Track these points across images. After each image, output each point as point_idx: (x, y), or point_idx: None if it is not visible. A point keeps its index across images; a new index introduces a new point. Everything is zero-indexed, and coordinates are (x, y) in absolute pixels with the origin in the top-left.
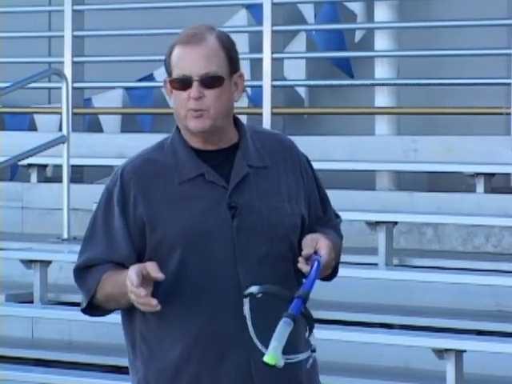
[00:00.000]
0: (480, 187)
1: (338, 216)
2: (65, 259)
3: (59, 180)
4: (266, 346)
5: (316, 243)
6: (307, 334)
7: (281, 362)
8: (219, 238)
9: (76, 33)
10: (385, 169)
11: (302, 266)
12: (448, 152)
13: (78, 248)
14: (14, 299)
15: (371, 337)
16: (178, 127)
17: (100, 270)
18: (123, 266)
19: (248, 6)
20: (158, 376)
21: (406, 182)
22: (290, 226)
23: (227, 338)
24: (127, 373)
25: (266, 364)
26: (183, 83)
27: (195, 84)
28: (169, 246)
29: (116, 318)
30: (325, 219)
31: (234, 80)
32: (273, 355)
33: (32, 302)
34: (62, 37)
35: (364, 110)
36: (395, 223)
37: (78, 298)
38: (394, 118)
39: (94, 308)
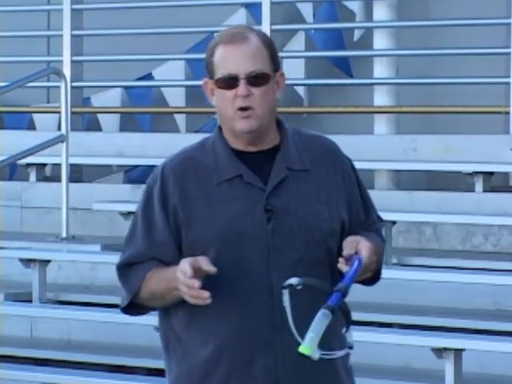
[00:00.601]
0: (479, 186)
1: (381, 220)
2: (64, 258)
3: (58, 179)
4: (302, 338)
5: (357, 244)
6: (344, 329)
7: (316, 355)
8: (254, 240)
9: (75, 32)
10: (384, 168)
11: (342, 266)
12: (447, 151)
13: (76, 247)
14: (13, 298)
15: (370, 336)
16: (220, 127)
17: (144, 267)
18: (166, 263)
19: (247, 5)
20: (188, 376)
21: (404, 181)
22: (327, 231)
23: (257, 340)
24: (126, 372)
25: (301, 354)
26: (229, 82)
27: (242, 82)
28: (203, 245)
29: (114, 317)
30: (367, 223)
31: (276, 78)
32: (308, 346)
33: (31, 301)
34: (61, 36)
35: (363, 109)
36: (394, 222)
37: (77, 297)
38: (393, 117)
39: (134, 307)
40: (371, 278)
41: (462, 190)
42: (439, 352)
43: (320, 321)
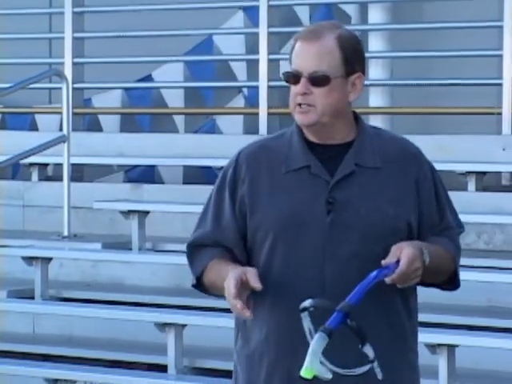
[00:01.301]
0: (472, 185)
1: (460, 226)
2: (65, 256)
3: (60, 179)
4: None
5: (401, 251)
6: (360, 345)
7: (325, 375)
8: (311, 231)
9: (76, 34)
10: None
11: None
12: (440, 151)
13: (78, 245)
14: (16, 295)
15: None
16: None
17: (208, 254)
18: (231, 249)
19: (245, 9)
20: (246, 360)
21: None
22: (389, 228)
23: (302, 329)
24: (126, 367)
25: (305, 379)
26: (294, 78)
27: (303, 80)
28: (263, 231)
29: (115, 314)
30: (440, 227)
31: (351, 80)
32: (309, 369)
33: (33, 298)
34: (63, 38)
35: (358, 109)
36: None
37: (78, 294)
38: (387, 118)
39: (203, 286)
40: (445, 282)
41: (455, 189)
42: (433, 348)
43: (316, 343)
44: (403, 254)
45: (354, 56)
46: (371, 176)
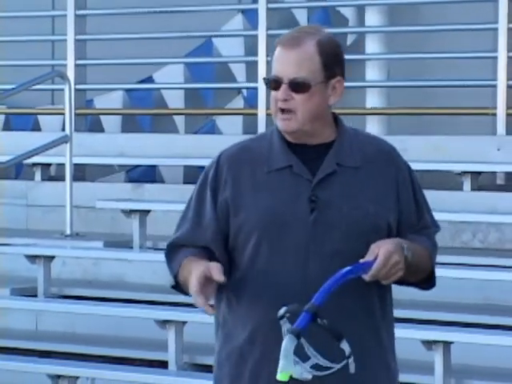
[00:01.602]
0: (467, 185)
1: (436, 225)
2: (68, 254)
3: (62, 178)
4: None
5: (378, 249)
6: (337, 342)
7: (304, 375)
8: (295, 229)
9: (78, 37)
10: None
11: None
12: (436, 151)
13: (80, 244)
14: (19, 293)
15: None
16: None
17: (184, 253)
18: (212, 250)
19: (244, 11)
20: (227, 358)
21: None
22: (369, 226)
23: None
24: (128, 363)
25: (283, 382)
26: (274, 83)
27: (283, 86)
28: (247, 231)
29: (116, 311)
30: (418, 226)
31: (331, 84)
32: (284, 372)
33: (36, 296)
34: (65, 40)
35: (355, 110)
36: None
37: (81, 291)
38: (384, 119)
39: (181, 287)
40: (424, 280)
41: (450, 189)
42: (429, 344)
43: (286, 346)
44: (381, 250)
45: (333, 60)
46: (352, 175)
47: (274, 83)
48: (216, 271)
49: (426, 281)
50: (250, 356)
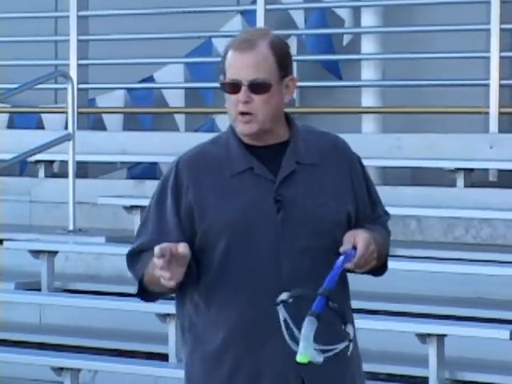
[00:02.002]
0: (460, 182)
1: (386, 213)
2: (70, 250)
3: (65, 175)
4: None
5: (354, 238)
6: (343, 326)
7: (317, 359)
8: (264, 230)
9: (81, 37)
10: (370, 164)
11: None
12: (430, 149)
13: (82, 239)
14: (23, 287)
15: (358, 322)
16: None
17: (149, 255)
18: None
19: (243, 12)
20: (202, 361)
21: (390, 176)
22: (333, 221)
23: (266, 323)
24: (129, 356)
25: (302, 363)
26: (233, 87)
27: (243, 89)
28: (216, 234)
29: (118, 305)
30: (373, 216)
31: (285, 83)
32: (304, 354)
33: (40, 290)
34: (68, 41)
35: (351, 109)
36: None
37: (83, 286)
38: (379, 117)
39: (147, 294)
40: (378, 268)
41: (444, 186)
42: (423, 337)
43: (307, 328)
44: (359, 238)
45: (286, 60)
46: (311, 172)
47: (232, 87)
48: (180, 245)
49: (379, 267)
50: (228, 354)
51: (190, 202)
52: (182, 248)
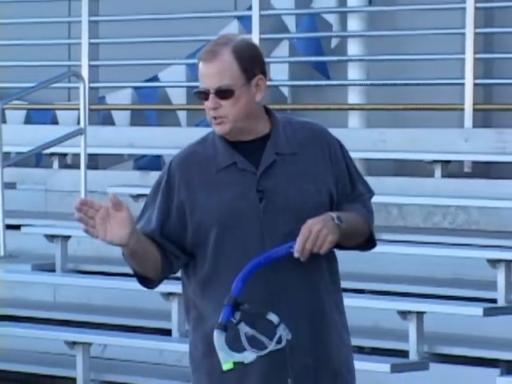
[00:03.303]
0: (438, 173)
1: (370, 191)
2: (82, 234)
3: (77, 166)
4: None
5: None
6: (263, 317)
7: (249, 359)
8: (249, 219)
9: (92, 40)
10: (356, 157)
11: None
12: (410, 142)
13: None
14: (39, 268)
15: (345, 300)
16: None
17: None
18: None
19: (239, 18)
20: (202, 339)
21: (374, 168)
22: (315, 205)
23: (257, 303)
24: (136, 331)
25: (229, 370)
26: (203, 95)
27: (211, 96)
28: (207, 226)
29: (125, 284)
30: (353, 195)
31: (254, 83)
32: (226, 363)
33: (54, 271)
34: (80, 44)
35: (338, 106)
36: None
37: (94, 267)
38: (364, 113)
39: (147, 280)
40: (364, 243)
41: (423, 176)
42: (404, 314)
43: (218, 340)
44: (302, 227)
45: (251, 62)
46: (291, 161)
47: (203, 95)
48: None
49: (366, 243)
50: None
51: (182, 200)
52: (113, 198)
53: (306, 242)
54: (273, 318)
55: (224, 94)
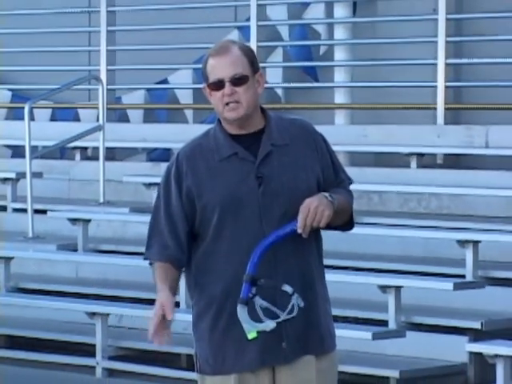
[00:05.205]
0: (413, 164)
1: (349, 179)
2: (101, 218)
3: (97, 158)
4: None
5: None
6: (279, 288)
7: (270, 326)
8: (249, 202)
9: (109, 47)
10: (342, 150)
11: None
12: (389, 137)
13: (111, 210)
14: (63, 248)
15: (331, 277)
16: (219, 119)
17: (162, 269)
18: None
19: (239, 27)
20: (205, 309)
21: (357, 160)
22: (305, 189)
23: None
24: (148, 303)
25: (254, 338)
26: (218, 85)
27: (227, 84)
28: (211, 208)
29: (139, 262)
30: (336, 182)
31: (256, 78)
32: (250, 333)
33: (76, 251)
34: (99, 51)
35: (326, 105)
36: None
37: (111, 247)
38: (348, 112)
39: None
40: (345, 224)
41: (401, 167)
42: (383, 289)
43: (241, 313)
44: (301, 206)
45: (254, 60)
46: (284, 152)
47: (218, 85)
48: (168, 310)
49: (347, 224)
50: (225, 308)
51: (189, 186)
52: (169, 315)
53: (307, 219)
54: (287, 288)
55: (239, 80)
